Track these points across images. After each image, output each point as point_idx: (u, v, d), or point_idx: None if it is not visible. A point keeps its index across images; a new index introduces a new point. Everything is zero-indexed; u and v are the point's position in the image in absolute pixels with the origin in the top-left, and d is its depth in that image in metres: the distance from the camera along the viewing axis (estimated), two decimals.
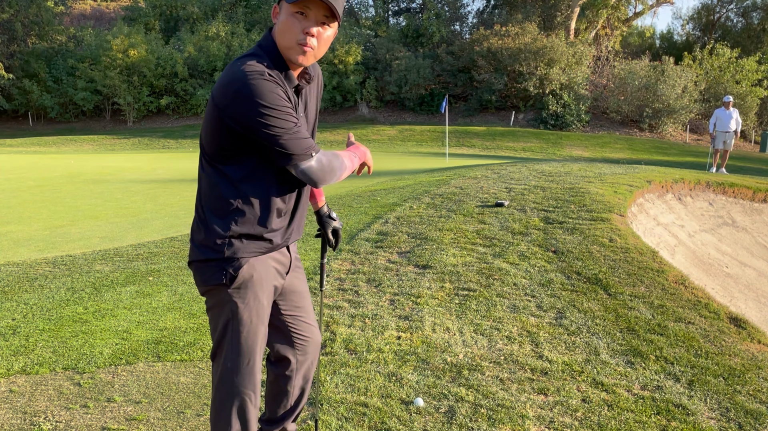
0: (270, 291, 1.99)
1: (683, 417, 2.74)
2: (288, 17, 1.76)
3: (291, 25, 1.75)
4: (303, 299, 2.19)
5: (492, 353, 3.38)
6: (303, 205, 2.06)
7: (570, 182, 8.05)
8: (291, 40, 1.77)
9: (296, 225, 2.05)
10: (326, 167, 1.83)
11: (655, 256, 5.07)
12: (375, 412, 2.74)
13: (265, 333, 2.01)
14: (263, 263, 1.94)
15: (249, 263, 1.89)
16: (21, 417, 2.77)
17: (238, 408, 1.98)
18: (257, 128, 1.73)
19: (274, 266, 2.00)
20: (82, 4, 48.07)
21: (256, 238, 1.90)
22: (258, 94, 1.70)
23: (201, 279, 1.92)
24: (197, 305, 4.25)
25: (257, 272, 1.91)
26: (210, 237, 1.88)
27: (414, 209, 6.82)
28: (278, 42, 1.81)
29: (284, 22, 1.77)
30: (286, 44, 1.78)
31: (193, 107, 34.91)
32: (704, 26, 39.08)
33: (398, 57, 31.35)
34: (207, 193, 1.89)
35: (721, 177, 10.49)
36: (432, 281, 4.55)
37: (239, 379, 1.95)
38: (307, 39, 1.76)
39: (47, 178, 13.68)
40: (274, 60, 1.81)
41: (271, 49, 1.83)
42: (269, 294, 1.99)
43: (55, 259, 5.75)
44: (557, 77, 29.50)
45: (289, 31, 1.76)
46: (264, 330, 1.99)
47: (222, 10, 38.65)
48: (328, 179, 1.85)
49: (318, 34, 1.78)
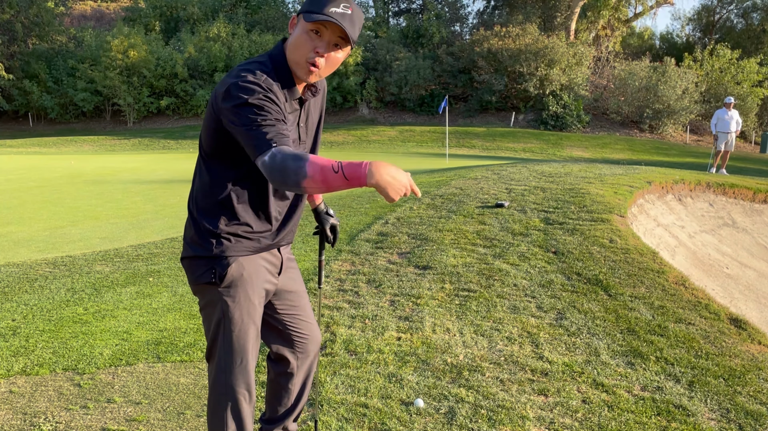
0: (261, 290, 1.99)
1: (683, 418, 2.74)
2: (303, 33, 1.76)
3: (304, 42, 1.76)
4: (300, 298, 2.19)
5: (492, 354, 3.38)
6: (298, 209, 2.06)
7: (570, 183, 8.05)
8: (301, 56, 1.77)
9: (289, 229, 2.06)
10: (276, 166, 1.56)
11: (655, 257, 5.07)
12: (375, 413, 2.74)
13: (257, 333, 2.01)
14: (252, 262, 1.95)
15: (238, 262, 1.90)
16: (21, 418, 2.77)
17: (232, 407, 1.98)
18: (232, 122, 1.70)
19: (265, 266, 2.00)
20: (83, 4, 48.10)
21: (245, 238, 1.91)
22: (242, 91, 1.69)
23: (192, 277, 1.94)
24: (197, 306, 4.25)
25: (246, 271, 1.92)
26: (199, 234, 1.90)
27: (414, 210, 6.82)
28: (288, 55, 1.81)
29: (298, 36, 1.78)
30: (295, 59, 1.79)
31: (193, 108, 34.91)
32: (704, 27, 39.09)
33: (398, 58, 31.36)
34: (199, 191, 1.91)
35: (722, 178, 10.49)
36: (432, 282, 4.55)
37: (233, 378, 1.96)
38: (316, 59, 1.77)
39: (47, 178, 13.69)
40: (280, 71, 1.81)
41: (280, 60, 1.83)
42: (260, 294, 1.99)
43: (56, 260, 5.75)
44: (557, 78, 29.50)
45: (301, 47, 1.77)
46: (255, 330, 1.99)
47: (222, 11, 38.67)
48: (278, 180, 1.57)
49: (327, 56, 1.78)
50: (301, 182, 1.54)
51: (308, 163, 1.53)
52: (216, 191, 1.87)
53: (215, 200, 1.87)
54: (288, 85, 1.83)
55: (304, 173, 1.53)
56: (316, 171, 1.52)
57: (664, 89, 28.50)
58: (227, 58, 34.54)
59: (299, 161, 1.54)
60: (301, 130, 1.93)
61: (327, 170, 1.52)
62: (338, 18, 1.72)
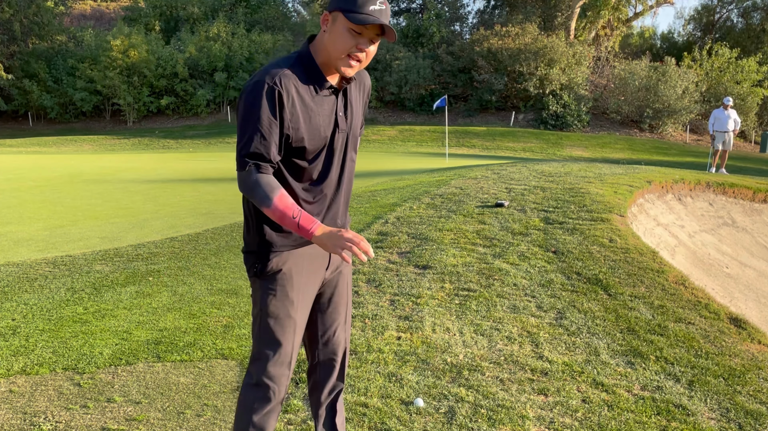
0: (303, 286, 2.01)
1: (683, 417, 2.74)
2: (345, 31, 1.82)
3: (346, 40, 1.82)
4: (337, 304, 2.18)
5: (492, 353, 3.38)
6: (337, 205, 2.06)
7: (570, 182, 8.05)
8: (342, 51, 1.83)
9: (330, 223, 2.05)
10: (249, 184, 1.82)
11: (655, 257, 5.07)
12: (375, 412, 2.74)
13: (296, 329, 2.01)
14: (295, 257, 1.99)
15: (279, 256, 1.96)
16: (21, 418, 2.77)
17: (260, 397, 2.00)
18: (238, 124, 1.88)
19: (308, 262, 2.02)
20: (82, 4, 48.09)
21: (285, 233, 1.97)
22: (245, 100, 1.82)
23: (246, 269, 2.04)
24: (197, 305, 4.26)
25: (287, 266, 1.97)
26: (247, 230, 2.01)
27: (414, 209, 6.82)
28: (328, 50, 1.86)
29: (340, 34, 1.82)
30: (336, 54, 1.84)
31: (193, 107, 34.90)
32: (705, 27, 39.09)
33: (398, 57, 31.35)
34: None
35: (721, 177, 10.49)
36: (432, 281, 4.55)
37: (264, 370, 1.98)
38: (358, 54, 1.84)
39: (47, 178, 13.69)
40: (307, 66, 1.89)
41: (307, 56, 1.90)
42: (302, 290, 2.01)
43: (55, 259, 5.75)
44: (557, 77, 29.51)
45: (342, 42, 1.82)
46: (294, 325, 2.00)
47: (222, 11, 38.66)
48: (246, 193, 1.85)
49: (367, 51, 1.86)
50: (262, 207, 1.82)
51: (276, 199, 1.80)
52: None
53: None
54: (315, 79, 1.89)
55: (267, 204, 1.80)
56: (277, 210, 1.80)
57: (664, 89, 28.51)
58: (227, 58, 34.53)
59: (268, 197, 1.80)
60: (340, 119, 1.96)
61: (287, 215, 1.81)
62: (379, 16, 1.79)
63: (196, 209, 8.94)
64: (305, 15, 42.52)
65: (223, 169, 15.68)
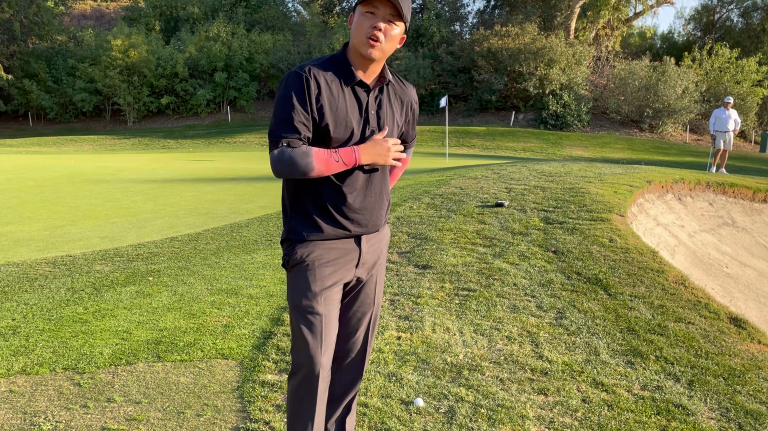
0: (325, 278, 2.03)
1: (683, 417, 2.74)
2: (359, 17, 1.96)
3: (361, 23, 1.95)
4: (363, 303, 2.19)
5: (492, 353, 3.38)
6: (371, 199, 2.08)
7: (570, 182, 8.05)
8: (361, 35, 1.95)
9: (361, 219, 2.07)
10: (284, 160, 1.90)
11: (655, 256, 5.07)
12: (375, 412, 2.74)
13: (324, 320, 2.02)
14: (321, 249, 2.03)
15: (306, 247, 2.03)
16: (21, 418, 2.77)
17: (296, 385, 2.06)
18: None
19: (336, 256, 2.04)
20: (82, 4, 48.10)
21: (310, 224, 2.03)
22: (278, 89, 1.98)
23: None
24: (197, 305, 4.26)
25: (311, 257, 2.02)
26: (285, 218, 2.12)
27: (414, 209, 6.82)
28: (352, 41, 1.99)
29: (356, 21, 1.97)
30: (357, 40, 1.96)
31: (193, 107, 34.90)
32: (704, 26, 39.09)
33: (398, 57, 31.36)
34: (284, 182, 2.13)
35: (721, 177, 10.49)
36: (432, 281, 4.55)
37: (297, 357, 2.04)
38: (375, 32, 1.93)
39: (47, 178, 13.69)
40: (338, 62, 2.02)
41: (339, 53, 2.04)
42: (325, 282, 2.02)
43: (55, 259, 5.75)
44: (557, 77, 29.50)
45: (359, 27, 1.95)
46: (320, 318, 2.01)
47: (222, 11, 38.64)
48: (284, 172, 1.92)
49: (385, 30, 1.95)
50: (309, 173, 1.91)
51: (314, 159, 1.91)
52: (288, 181, 2.07)
53: (291, 189, 2.08)
54: (344, 73, 2.00)
55: (311, 167, 1.91)
56: (321, 163, 1.91)
57: (664, 89, 28.51)
58: (227, 58, 34.52)
59: (307, 158, 1.90)
60: (371, 116, 2.03)
61: (331, 162, 1.93)
62: None
63: (196, 209, 8.94)
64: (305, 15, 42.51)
65: (223, 169, 15.69)
